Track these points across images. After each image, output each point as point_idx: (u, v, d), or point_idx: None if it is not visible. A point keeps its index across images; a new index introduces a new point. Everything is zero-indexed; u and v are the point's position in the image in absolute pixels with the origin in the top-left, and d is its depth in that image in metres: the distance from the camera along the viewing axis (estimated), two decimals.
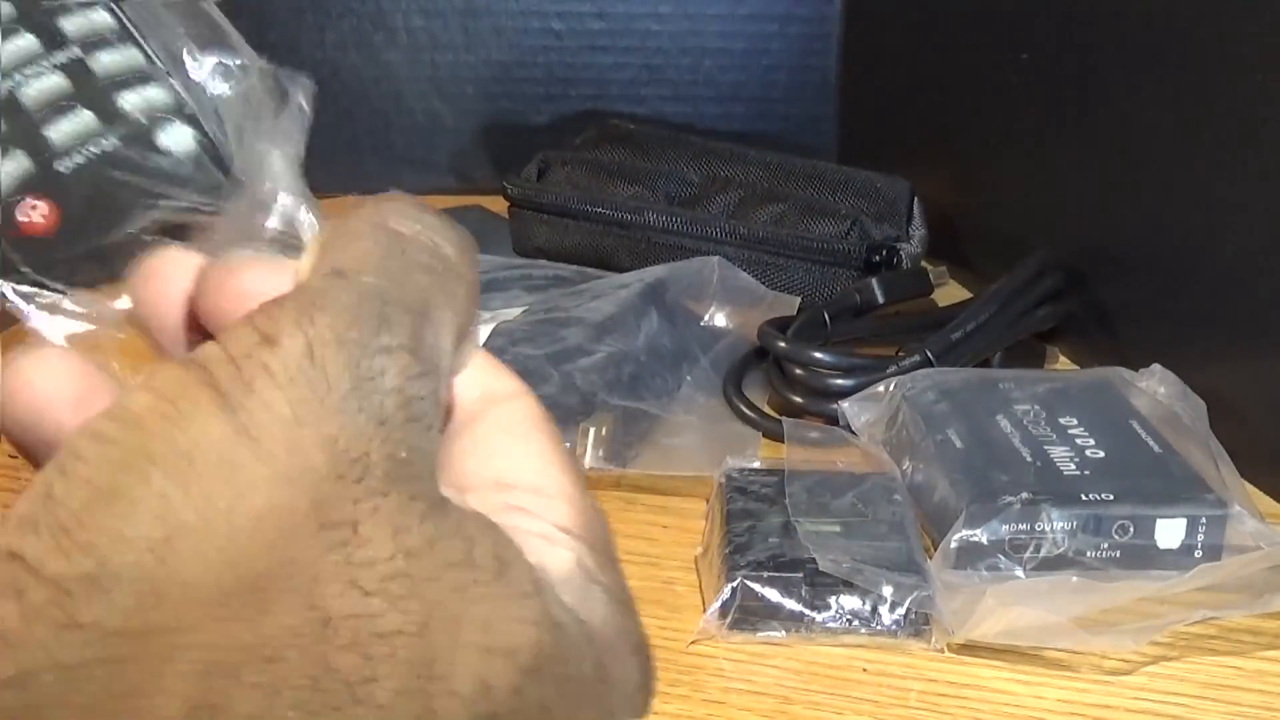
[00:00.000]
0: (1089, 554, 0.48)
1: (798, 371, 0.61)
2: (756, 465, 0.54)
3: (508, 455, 0.23)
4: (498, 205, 0.82)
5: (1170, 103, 0.60)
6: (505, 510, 0.22)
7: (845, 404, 0.58)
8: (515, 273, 0.73)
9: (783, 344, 0.61)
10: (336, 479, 0.18)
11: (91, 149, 0.28)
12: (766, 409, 0.61)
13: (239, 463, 0.18)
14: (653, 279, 0.67)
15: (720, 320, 0.69)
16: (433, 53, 0.93)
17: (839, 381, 0.59)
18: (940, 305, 0.71)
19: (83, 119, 0.28)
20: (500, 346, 0.60)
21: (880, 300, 0.67)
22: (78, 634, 0.17)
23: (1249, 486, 0.53)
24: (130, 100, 0.29)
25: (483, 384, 0.23)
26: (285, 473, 0.18)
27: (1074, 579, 0.47)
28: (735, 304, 0.69)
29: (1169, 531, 0.49)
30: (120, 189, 0.22)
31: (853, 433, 0.57)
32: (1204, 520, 0.49)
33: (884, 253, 0.71)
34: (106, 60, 0.29)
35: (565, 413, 0.57)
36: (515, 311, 0.64)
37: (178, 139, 0.28)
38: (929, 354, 0.60)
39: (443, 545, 0.19)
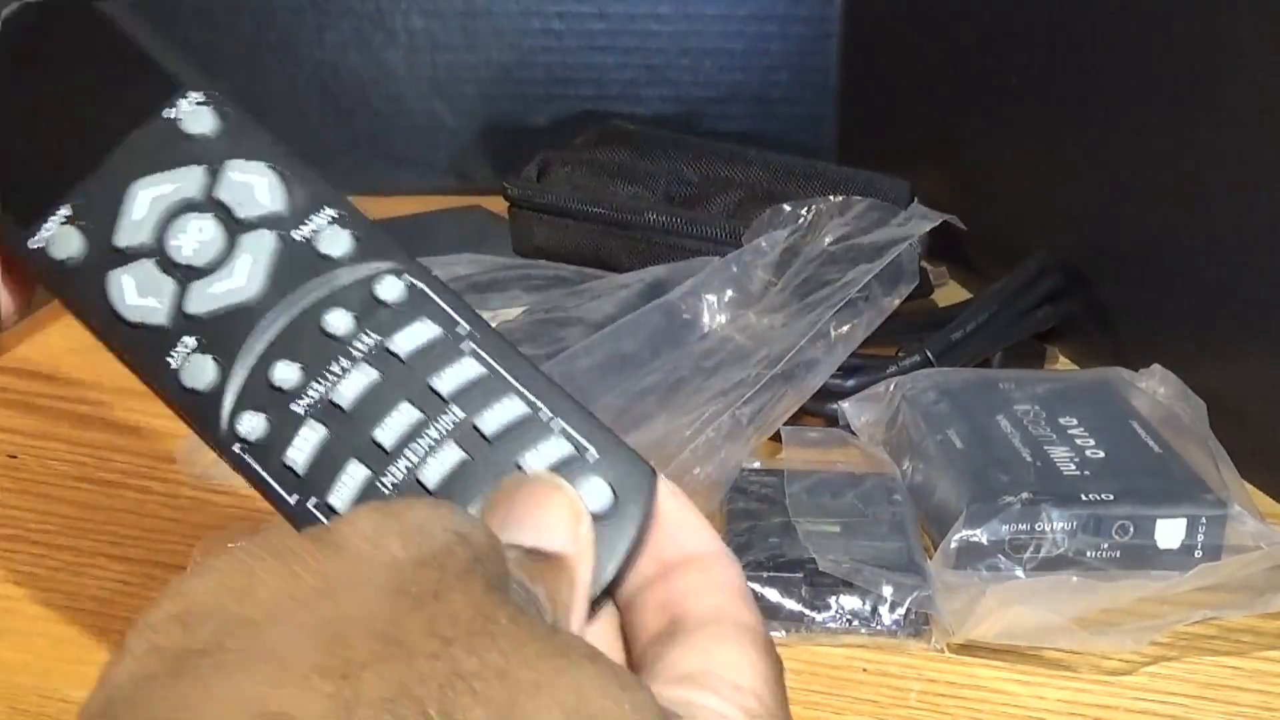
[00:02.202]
0: (1089, 554, 0.48)
1: None
2: (756, 465, 0.54)
3: (718, 656, 0.23)
4: (498, 205, 0.82)
5: (1170, 103, 0.60)
6: (679, 684, 0.22)
7: (845, 404, 0.58)
8: (515, 273, 0.73)
9: None
10: (418, 565, 0.20)
11: None
12: None
13: (322, 557, 0.20)
14: (653, 279, 0.67)
15: None
16: (433, 53, 0.93)
17: (839, 381, 0.59)
18: (940, 305, 0.71)
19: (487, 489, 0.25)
20: None
21: None
22: (155, 657, 0.19)
23: (1249, 486, 0.53)
24: (530, 459, 0.26)
25: (721, 604, 0.25)
26: (366, 558, 0.20)
27: (1074, 579, 0.47)
28: None
29: (1169, 531, 0.49)
30: None
31: (853, 433, 0.57)
32: (1204, 520, 0.49)
33: None
34: (492, 417, 0.26)
35: None
36: (515, 311, 0.64)
37: (595, 495, 0.25)
38: (929, 354, 0.60)
39: (525, 622, 0.20)
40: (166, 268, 0.27)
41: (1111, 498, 0.49)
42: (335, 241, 0.27)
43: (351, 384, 0.26)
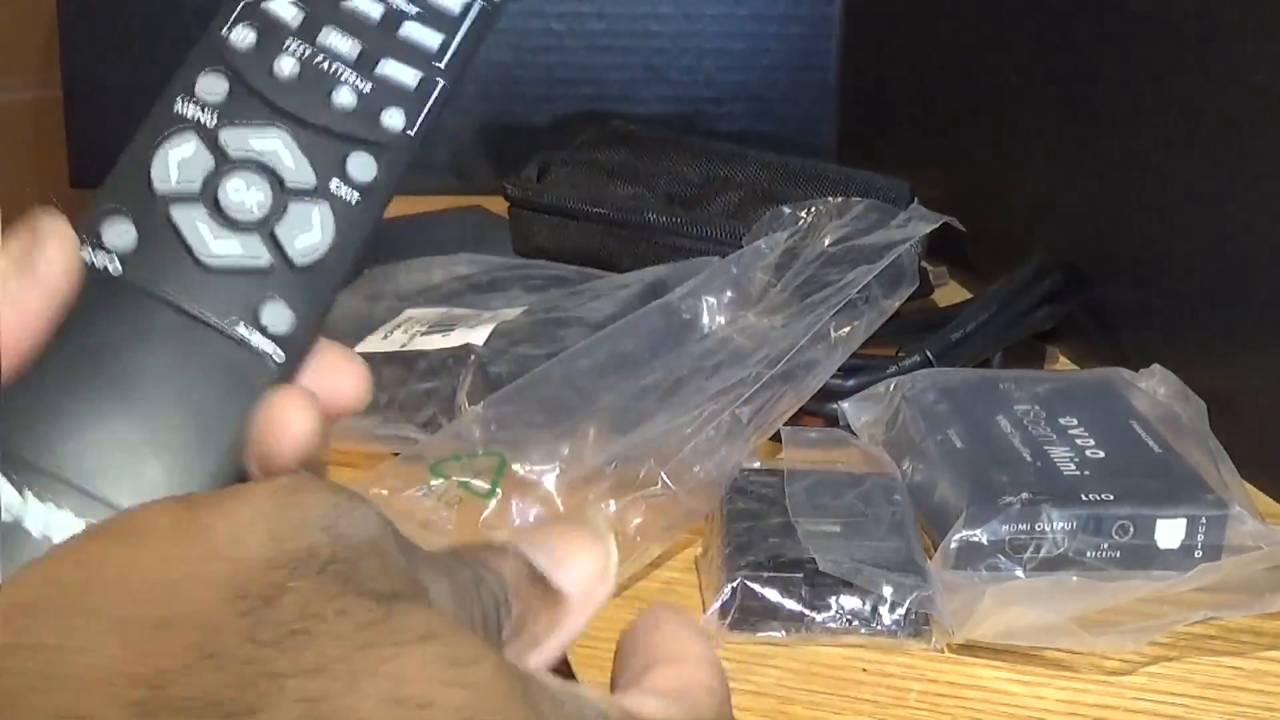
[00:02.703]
0: (1089, 554, 0.48)
1: None
2: (756, 465, 0.54)
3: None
4: (498, 205, 0.82)
5: (1170, 103, 0.60)
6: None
7: (845, 404, 0.58)
8: (515, 273, 0.73)
9: None
10: (270, 567, 0.20)
11: None
12: None
13: (178, 542, 0.20)
14: (653, 279, 0.67)
15: None
16: None
17: (839, 381, 0.59)
18: (940, 305, 0.71)
19: None
20: (500, 347, 0.60)
21: None
22: None
23: (1249, 486, 0.53)
24: None
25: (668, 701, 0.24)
26: (218, 554, 0.20)
27: (1074, 579, 0.47)
28: None
29: (1169, 532, 0.49)
30: None
31: (853, 433, 0.57)
32: (1204, 520, 0.49)
33: None
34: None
35: (566, 413, 0.57)
36: (515, 311, 0.64)
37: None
38: (929, 354, 0.60)
39: (355, 612, 0.20)
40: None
41: (1111, 498, 0.49)
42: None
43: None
